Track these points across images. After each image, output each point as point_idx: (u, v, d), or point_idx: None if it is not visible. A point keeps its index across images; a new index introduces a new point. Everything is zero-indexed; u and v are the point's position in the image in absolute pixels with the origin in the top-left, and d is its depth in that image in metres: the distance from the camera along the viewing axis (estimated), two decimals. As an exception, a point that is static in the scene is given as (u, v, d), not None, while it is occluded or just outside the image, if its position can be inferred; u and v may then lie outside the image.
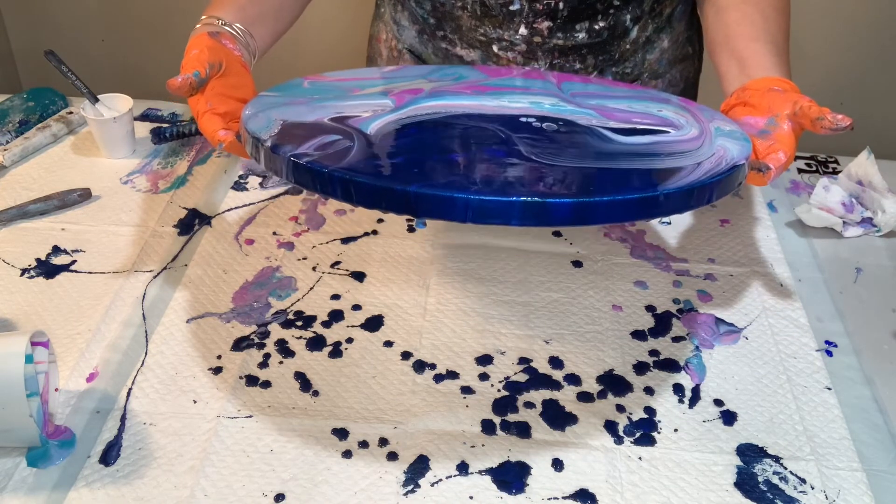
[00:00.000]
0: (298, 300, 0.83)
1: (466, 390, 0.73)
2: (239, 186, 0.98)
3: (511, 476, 0.66)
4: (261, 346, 0.77)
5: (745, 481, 0.66)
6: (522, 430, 0.70)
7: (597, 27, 0.90)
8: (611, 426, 0.70)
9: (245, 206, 0.95)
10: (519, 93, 0.78)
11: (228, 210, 0.95)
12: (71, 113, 1.09)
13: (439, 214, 0.56)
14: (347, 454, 0.68)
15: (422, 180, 0.57)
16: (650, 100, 0.78)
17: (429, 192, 0.55)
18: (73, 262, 0.87)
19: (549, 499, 0.65)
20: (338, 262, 0.87)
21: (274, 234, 0.91)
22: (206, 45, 0.75)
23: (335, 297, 0.83)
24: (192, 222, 0.93)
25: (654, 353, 0.77)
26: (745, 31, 0.82)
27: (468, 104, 0.73)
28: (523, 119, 0.70)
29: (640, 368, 0.76)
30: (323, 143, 0.62)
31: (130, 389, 0.73)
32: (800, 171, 1.03)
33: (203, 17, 0.81)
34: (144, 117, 1.11)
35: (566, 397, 0.73)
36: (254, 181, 0.99)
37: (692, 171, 0.60)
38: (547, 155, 0.62)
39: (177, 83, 0.71)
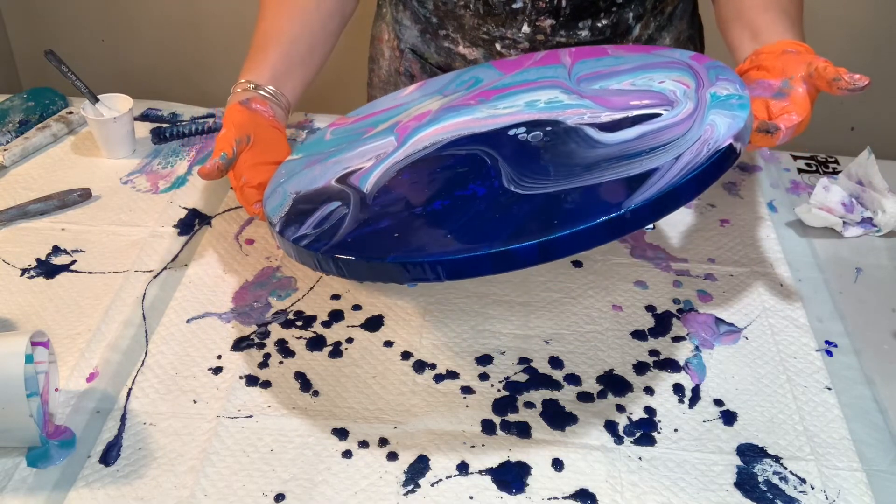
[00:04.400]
0: (298, 300, 0.83)
1: (466, 390, 0.73)
2: (239, 186, 0.98)
3: (511, 476, 0.66)
4: (261, 346, 0.77)
5: (745, 481, 0.66)
6: (522, 430, 0.70)
7: (599, 25, 0.90)
8: (611, 426, 0.70)
9: (245, 205, 0.95)
10: (522, 90, 0.79)
11: (228, 210, 0.95)
12: (71, 113, 1.09)
13: (418, 279, 0.60)
14: (347, 454, 0.68)
15: (400, 246, 0.61)
16: (658, 67, 0.76)
17: (403, 261, 0.59)
18: (73, 262, 0.87)
19: (549, 499, 0.65)
20: (338, 262, 0.87)
21: (274, 234, 0.91)
22: (234, 122, 0.81)
23: (335, 297, 0.83)
24: (192, 222, 0.93)
25: (654, 353, 0.77)
26: (756, 3, 0.81)
27: (463, 121, 0.76)
28: (511, 132, 0.72)
29: (640, 368, 0.76)
30: (323, 215, 0.67)
31: (130, 389, 0.73)
32: (800, 171, 1.03)
33: (241, 81, 0.86)
34: (144, 117, 1.11)
35: (566, 397, 0.73)
36: (254, 181, 0.99)
37: (667, 171, 0.59)
38: (525, 180, 0.65)
39: (206, 169, 0.77)
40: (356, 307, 0.82)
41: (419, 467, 0.67)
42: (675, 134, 0.64)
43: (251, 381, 0.74)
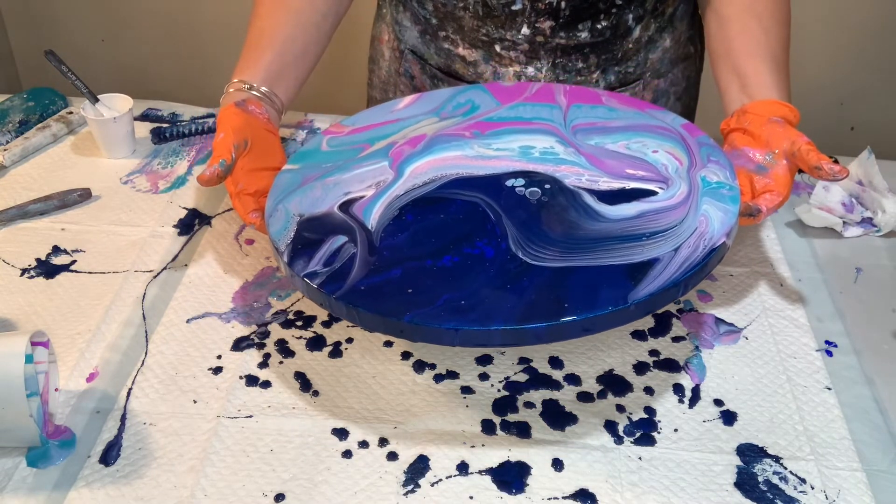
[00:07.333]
0: (298, 300, 0.83)
1: (466, 390, 0.73)
2: (239, 186, 0.98)
3: (511, 476, 0.66)
4: (261, 346, 0.78)
5: (745, 481, 0.66)
6: (522, 430, 0.70)
7: (599, 26, 0.90)
8: (611, 426, 0.70)
9: (245, 206, 0.95)
10: (517, 130, 0.82)
11: (228, 210, 0.95)
12: (71, 113, 1.09)
13: (430, 341, 0.63)
14: (347, 454, 0.68)
15: (415, 303, 0.63)
16: (651, 132, 0.80)
17: (419, 324, 0.62)
18: (73, 262, 0.87)
19: (549, 499, 0.65)
20: (338, 262, 0.87)
21: (274, 234, 0.91)
22: (231, 126, 0.80)
23: (335, 297, 0.83)
24: (192, 222, 0.93)
25: (654, 353, 0.77)
26: (746, 47, 0.84)
27: (457, 156, 0.78)
28: (509, 183, 0.75)
29: (640, 368, 0.76)
30: (331, 251, 0.69)
31: (130, 389, 0.73)
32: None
33: (234, 80, 0.86)
34: (144, 117, 1.11)
35: (566, 397, 0.73)
36: (254, 181, 0.99)
37: (668, 264, 0.64)
38: (532, 247, 0.68)
39: (205, 177, 0.76)
40: (356, 307, 0.82)
41: (419, 467, 0.67)
42: (673, 219, 0.69)
43: (251, 381, 0.74)
